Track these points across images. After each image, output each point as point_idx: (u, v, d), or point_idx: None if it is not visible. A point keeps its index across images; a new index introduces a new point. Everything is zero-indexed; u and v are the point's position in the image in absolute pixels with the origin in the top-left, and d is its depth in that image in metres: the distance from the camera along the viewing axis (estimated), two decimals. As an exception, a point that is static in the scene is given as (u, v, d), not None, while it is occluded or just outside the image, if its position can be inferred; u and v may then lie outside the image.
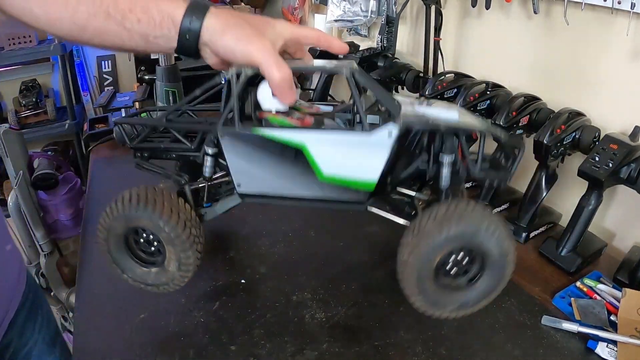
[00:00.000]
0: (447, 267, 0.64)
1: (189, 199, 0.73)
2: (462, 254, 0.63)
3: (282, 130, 0.64)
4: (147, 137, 0.73)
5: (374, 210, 0.69)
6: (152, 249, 0.71)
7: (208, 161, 0.72)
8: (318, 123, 0.68)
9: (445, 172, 0.66)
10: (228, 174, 0.70)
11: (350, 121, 0.69)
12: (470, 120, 0.65)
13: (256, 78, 0.64)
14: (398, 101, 0.67)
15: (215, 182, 0.74)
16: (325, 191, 0.67)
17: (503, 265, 0.62)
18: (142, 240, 0.71)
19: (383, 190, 0.67)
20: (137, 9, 0.58)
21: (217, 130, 0.65)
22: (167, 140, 0.73)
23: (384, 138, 0.62)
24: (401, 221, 0.71)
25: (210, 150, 0.70)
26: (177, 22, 0.59)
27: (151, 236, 0.70)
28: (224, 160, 0.68)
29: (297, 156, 0.64)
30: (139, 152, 0.74)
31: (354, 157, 0.63)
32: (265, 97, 0.64)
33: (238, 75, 0.63)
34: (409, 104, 0.67)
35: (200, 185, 0.75)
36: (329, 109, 0.74)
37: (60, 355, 0.92)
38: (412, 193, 0.75)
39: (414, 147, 0.68)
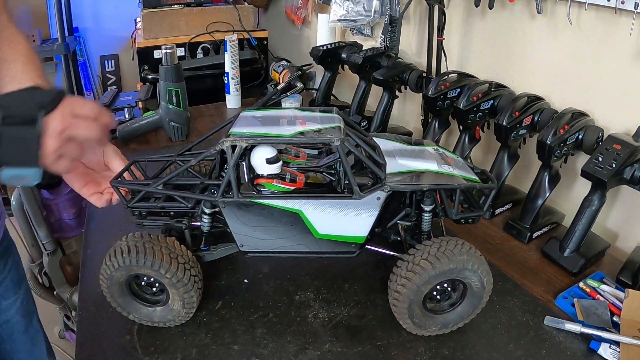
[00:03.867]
0: (433, 294, 0.73)
1: (188, 242, 0.77)
2: (447, 284, 0.72)
3: (279, 199, 0.70)
4: (143, 197, 0.75)
5: (366, 246, 0.77)
6: (155, 289, 0.75)
7: (206, 219, 0.76)
8: (309, 185, 0.74)
9: (427, 217, 0.76)
10: (231, 235, 0.75)
11: (336, 172, 0.76)
12: (447, 170, 0.74)
13: (250, 149, 0.69)
14: (382, 153, 0.75)
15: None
16: (320, 246, 0.74)
17: (482, 295, 0.72)
18: (143, 283, 0.74)
19: (372, 239, 0.75)
20: None
21: (217, 201, 0.70)
22: (162, 199, 0.76)
23: (373, 201, 0.70)
24: (390, 253, 0.79)
25: (207, 210, 0.75)
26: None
27: (152, 279, 0.73)
28: (221, 215, 0.73)
29: (293, 219, 0.71)
30: (137, 211, 0.77)
31: (346, 218, 0.71)
32: (259, 163, 0.70)
33: (233, 148, 0.67)
34: (392, 157, 0.75)
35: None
36: (315, 150, 0.82)
37: (24, 299, 0.99)
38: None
39: (399, 199, 0.77)
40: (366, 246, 0.76)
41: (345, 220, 0.71)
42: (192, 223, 0.77)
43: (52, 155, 0.60)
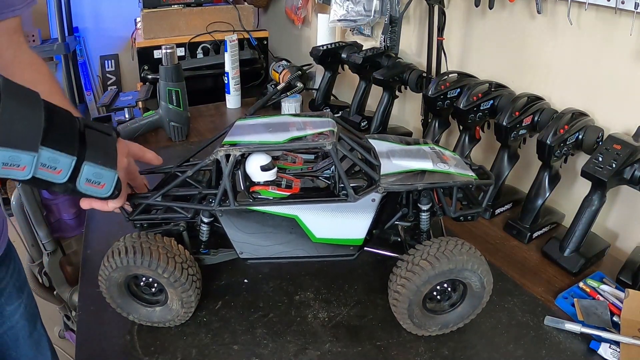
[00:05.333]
0: (433, 294, 0.73)
1: (186, 243, 0.77)
2: (447, 284, 0.72)
3: (275, 205, 0.70)
4: (143, 210, 0.75)
5: (365, 248, 0.77)
6: (154, 290, 0.75)
7: (204, 228, 0.77)
8: (305, 189, 0.74)
9: (424, 216, 0.77)
10: (229, 243, 0.75)
11: (331, 176, 0.76)
12: (443, 168, 0.74)
13: (245, 157, 0.70)
14: (376, 154, 0.75)
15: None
16: (319, 250, 0.74)
17: (482, 295, 0.72)
18: (142, 283, 0.75)
19: (371, 240, 0.75)
20: None
21: (215, 210, 0.71)
22: (162, 210, 0.77)
23: (368, 203, 0.70)
24: (390, 254, 0.79)
25: (206, 219, 0.76)
26: None
27: (151, 279, 0.73)
28: (219, 223, 0.73)
29: (291, 224, 0.71)
30: (139, 223, 0.77)
31: (342, 221, 0.72)
32: (254, 171, 0.70)
33: (227, 157, 0.67)
34: (387, 158, 0.75)
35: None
36: (311, 156, 0.83)
37: (27, 303, 0.99)
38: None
39: (395, 200, 0.77)
40: (366, 248, 0.76)
41: (342, 223, 0.72)
42: (191, 222, 0.78)
43: (123, 169, 0.65)
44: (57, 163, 0.55)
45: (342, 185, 0.69)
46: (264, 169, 0.70)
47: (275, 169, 0.71)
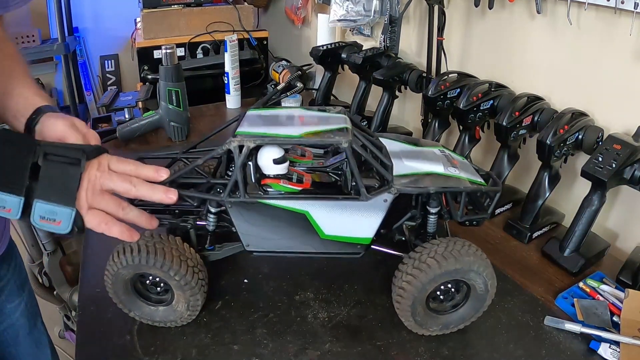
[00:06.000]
0: (437, 294, 0.73)
1: (193, 242, 0.77)
2: (451, 284, 0.73)
3: (286, 200, 0.69)
4: None
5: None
6: (159, 289, 0.75)
7: (211, 218, 0.76)
8: (316, 184, 0.74)
9: (432, 219, 0.77)
10: (236, 234, 0.74)
11: (342, 173, 0.76)
12: (454, 172, 0.74)
13: (258, 148, 0.68)
14: (389, 154, 0.74)
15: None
16: (326, 247, 0.74)
17: (484, 297, 0.72)
18: (148, 282, 0.74)
19: (377, 240, 0.75)
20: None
21: (224, 201, 0.70)
22: None
23: (380, 203, 0.70)
24: (395, 252, 0.78)
25: (213, 209, 0.75)
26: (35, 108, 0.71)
27: (158, 279, 0.73)
28: (227, 215, 0.72)
29: (300, 219, 0.70)
30: (142, 209, 0.75)
31: (352, 219, 0.71)
32: (266, 163, 0.69)
33: (240, 148, 0.66)
34: (399, 158, 0.75)
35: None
36: (321, 150, 0.82)
37: (27, 301, 0.99)
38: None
39: (406, 201, 0.77)
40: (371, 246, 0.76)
41: (352, 221, 0.71)
42: (197, 222, 0.77)
43: (85, 202, 0.61)
44: (4, 202, 0.54)
45: (355, 183, 0.68)
46: (277, 162, 0.69)
47: (287, 163, 0.70)
